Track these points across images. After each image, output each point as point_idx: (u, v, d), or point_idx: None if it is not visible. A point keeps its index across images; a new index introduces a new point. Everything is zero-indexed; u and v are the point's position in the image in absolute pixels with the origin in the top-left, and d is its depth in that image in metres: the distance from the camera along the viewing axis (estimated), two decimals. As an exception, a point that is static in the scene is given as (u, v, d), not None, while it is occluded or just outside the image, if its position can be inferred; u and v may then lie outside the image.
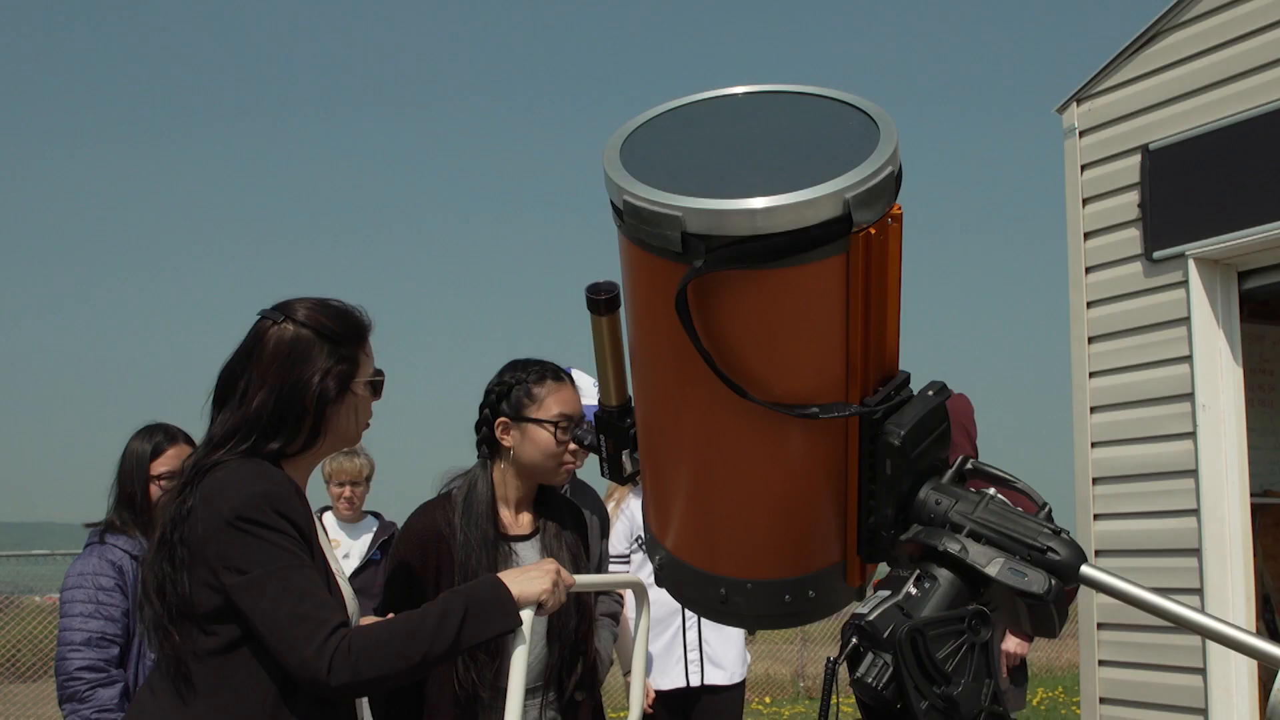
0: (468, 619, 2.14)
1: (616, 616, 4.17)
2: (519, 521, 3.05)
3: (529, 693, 2.95)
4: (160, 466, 3.76)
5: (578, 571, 3.01)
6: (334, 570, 2.30)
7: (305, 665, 2.04)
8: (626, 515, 4.77)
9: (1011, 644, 4.73)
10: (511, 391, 3.00)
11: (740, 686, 4.83)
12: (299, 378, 2.26)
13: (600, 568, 4.02)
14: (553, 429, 2.95)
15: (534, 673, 2.96)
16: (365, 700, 2.91)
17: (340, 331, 2.34)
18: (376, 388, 2.41)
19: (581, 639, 3.04)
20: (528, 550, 3.01)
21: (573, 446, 2.98)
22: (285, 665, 2.09)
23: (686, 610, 4.70)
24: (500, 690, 2.69)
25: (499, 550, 2.94)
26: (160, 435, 3.89)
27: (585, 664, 3.05)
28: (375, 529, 5.60)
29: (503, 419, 3.00)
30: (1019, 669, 5.01)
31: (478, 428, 3.07)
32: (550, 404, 2.97)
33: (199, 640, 2.14)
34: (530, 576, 2.30)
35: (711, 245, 1.28)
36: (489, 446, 3.04)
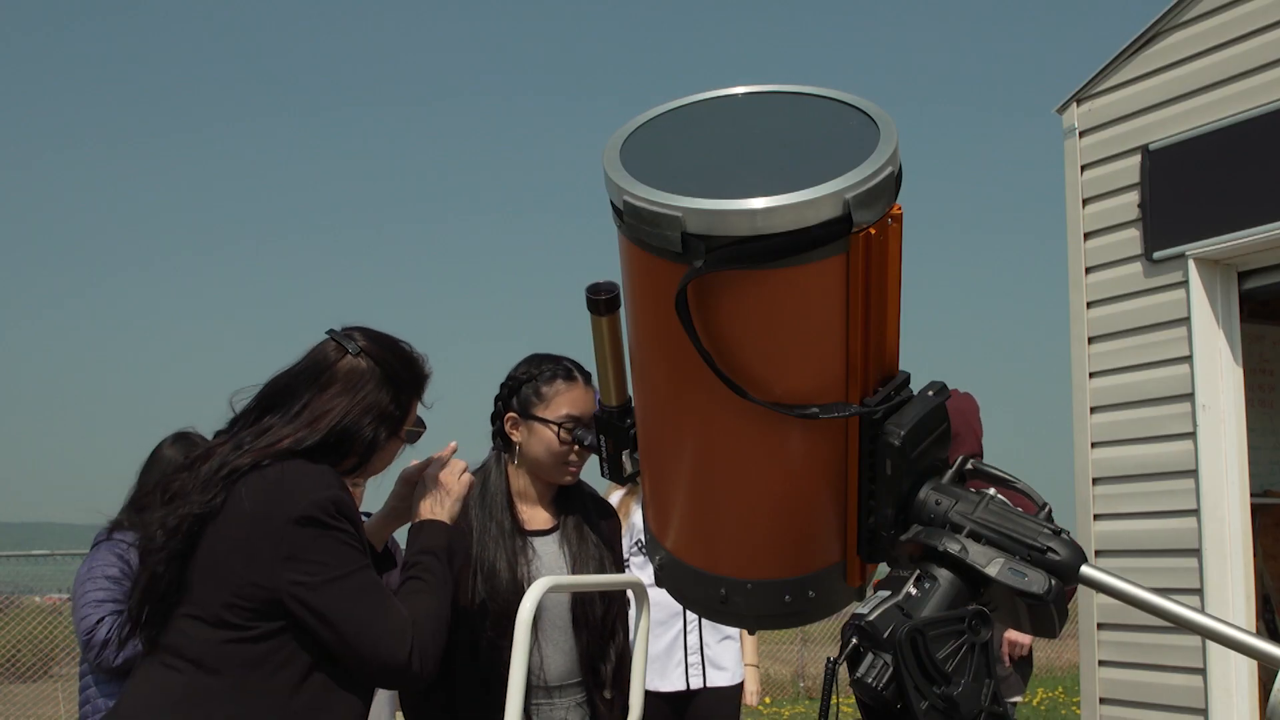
0: (450, 565, 2.36)
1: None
2: (537, 517, 3.02)
3: (559, 690, 2.92)
4: None
5: (603, 569, 2.99)
6: None
7: (395, 662, 2.13)
8: (628, 525, 4.76)
9: (1014, 633, 4.74)
10: (523, 388, 2.97)
11: (739, 686, 4.83)
12: (357, 418, 2.27)
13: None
14: (557, 429, 2.92)
15: (565, 668, 2.93)
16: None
17: (405, 380, 2.36)
18: (413, 437, 2.45)
19: (610, 624, 2.99)
20: (547, 546, 2.97)
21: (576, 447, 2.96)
22: (365, 663, 2.13)
23: (688, 613, 4.69)
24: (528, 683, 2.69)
25: (515, 544, 2.91)
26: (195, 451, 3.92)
27: (617, 650, 2.99)
28: None
29: (512, 414, 2.98)
30: (1024, 659, 5.04)
31: (492, 420, 3.06)
32: (558, 404, 2.93)
33: (213, 633, 2.13)
34: (438, 501, 2.45)
35: (711, 245, 1.28)
36: (502, 439, 3.03)
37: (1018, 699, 5.22)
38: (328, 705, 2.15)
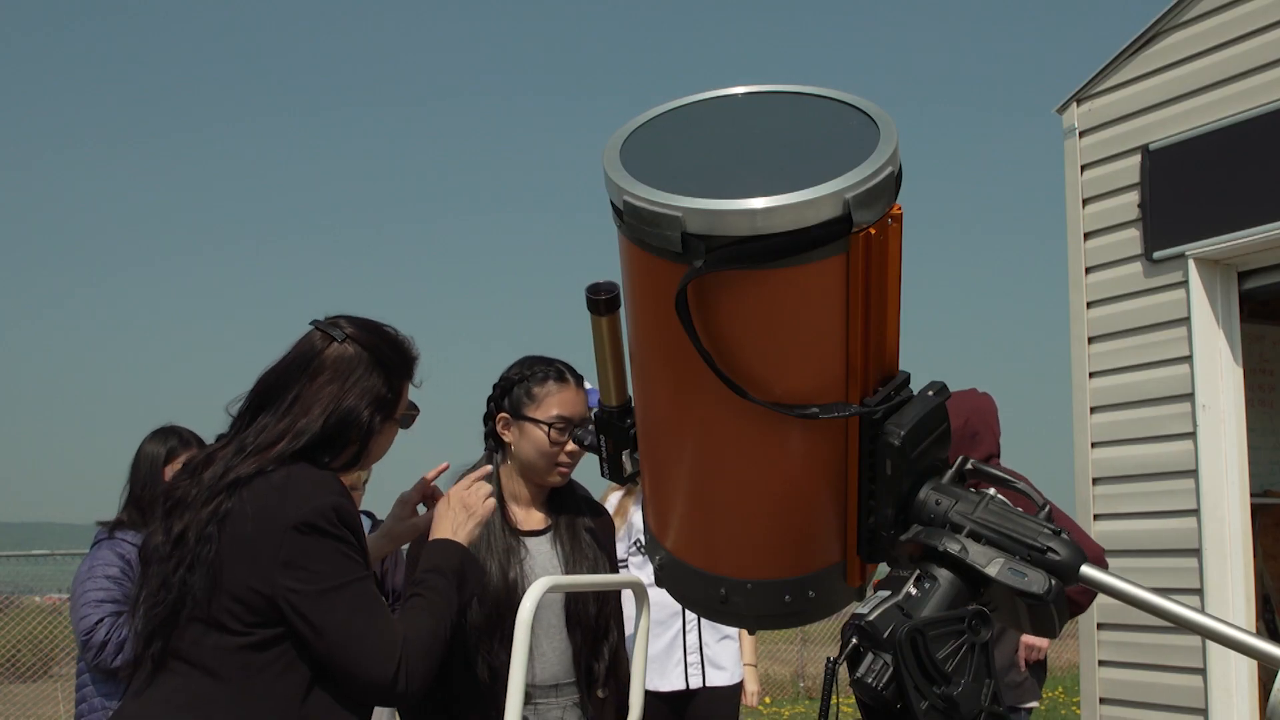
0: (461, 592, 2.35)
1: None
2: (530, 517, 3.02)
3: (553, 689, 2.92)
4: (173, 471, 3.80)
5: (596, 569, 3.00)
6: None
7: (381, 679, 2.11)
8: (628, 525, 4.76)
9: (1030, 636, 4.72)
10: (514, 389, 3.00)
11: (738, 686, 4.83)
12: (352, 405, 2.26)
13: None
14: (547, 430, 2.93)
15: (560, 667, 2.93)
16: None
17: (394, 362, 2.35)
18: (407, 421, 2.43)
19: (604, 623, 3.00)
20: (540, 546, 2.98)
21: (570, 448, 2.97)
22: (352, 676, 2.11)
23: (687, 613, 4.69)
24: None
25: (508, 545, 2.92)
26: (175, 440, 3.95)
27: (610, 649, 3.00)
28: (369, 530, 5.62)
29: (503, 415, 3.01)
30: (1039, 664, 5.00)
31: (484, 420, 3.08)
32: (549, 404, 2.95)
33: (216, 639, 2.12)
34: (459, 523, 2.43)
35: (711, 245, 1.28)
36: (495, 440, 3.05)
37: (1034, 704, 5.14)
38: (331, 712, 2.15)
